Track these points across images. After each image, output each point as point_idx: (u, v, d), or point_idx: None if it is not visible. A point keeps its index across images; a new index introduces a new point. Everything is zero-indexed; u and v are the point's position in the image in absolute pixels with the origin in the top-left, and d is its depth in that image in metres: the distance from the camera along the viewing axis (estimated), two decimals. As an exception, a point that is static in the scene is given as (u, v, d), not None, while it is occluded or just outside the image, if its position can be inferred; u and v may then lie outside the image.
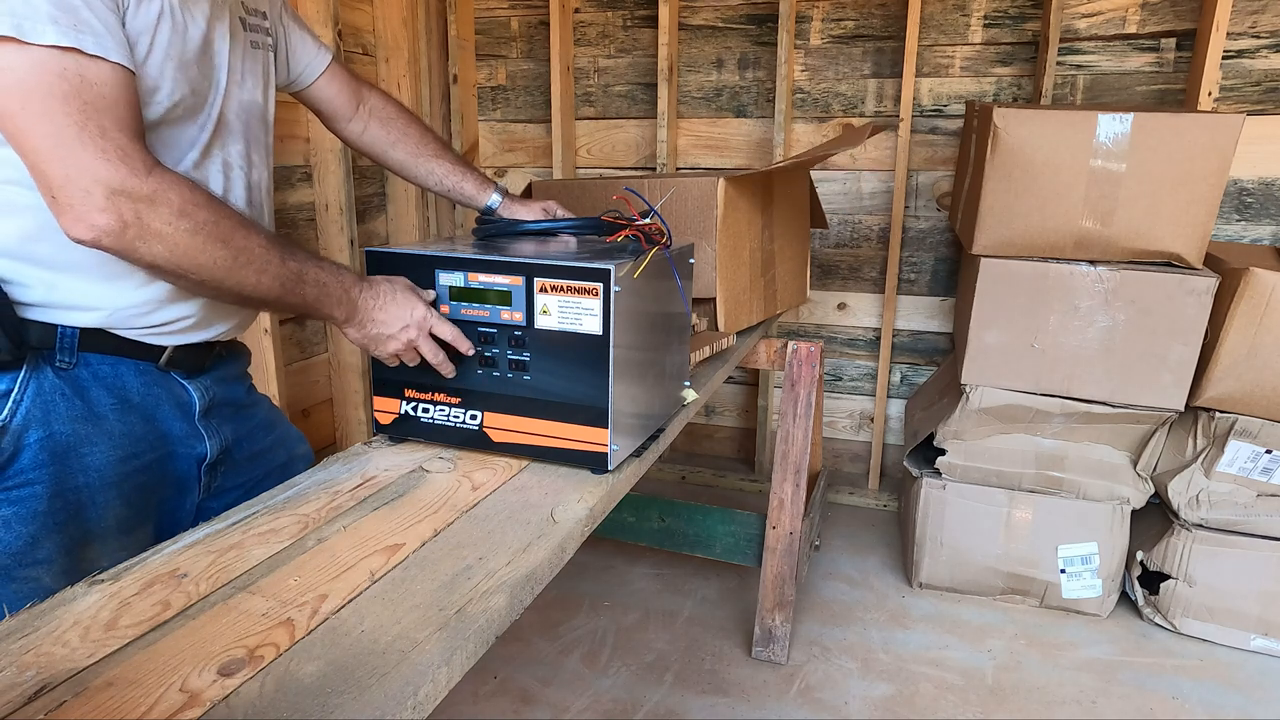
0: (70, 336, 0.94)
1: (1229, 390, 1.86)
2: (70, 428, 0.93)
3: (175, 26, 0.90)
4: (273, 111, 1.14)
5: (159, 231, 0.83)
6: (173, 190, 0.83)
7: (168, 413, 1.04)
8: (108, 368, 0.97)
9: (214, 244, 0.86)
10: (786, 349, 1.92)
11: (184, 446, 1.06)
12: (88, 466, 0.95)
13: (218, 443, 1.10)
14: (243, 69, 1.04)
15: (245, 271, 0.89)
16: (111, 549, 0.98)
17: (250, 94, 1.06)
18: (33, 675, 0.61)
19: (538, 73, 2.82)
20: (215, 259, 0.86)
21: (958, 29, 2.45)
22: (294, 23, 1.22)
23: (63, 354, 0.94)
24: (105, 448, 0.96)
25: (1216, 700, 1.83)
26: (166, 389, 1.04)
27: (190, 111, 0.96)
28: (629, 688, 1.87)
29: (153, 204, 0.82)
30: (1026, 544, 2.11)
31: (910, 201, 2.59)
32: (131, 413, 0.99)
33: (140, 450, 1.00)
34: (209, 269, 0.87)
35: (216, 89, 0.99)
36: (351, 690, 0.60)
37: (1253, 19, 2.19)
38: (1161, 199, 1.80)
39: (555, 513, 0.90)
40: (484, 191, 1.39)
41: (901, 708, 1.80)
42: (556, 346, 0.97)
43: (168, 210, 0.82)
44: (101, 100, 0.80)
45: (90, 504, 0.95)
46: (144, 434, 1.01)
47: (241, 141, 1.05)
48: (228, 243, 0.87)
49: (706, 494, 2.82)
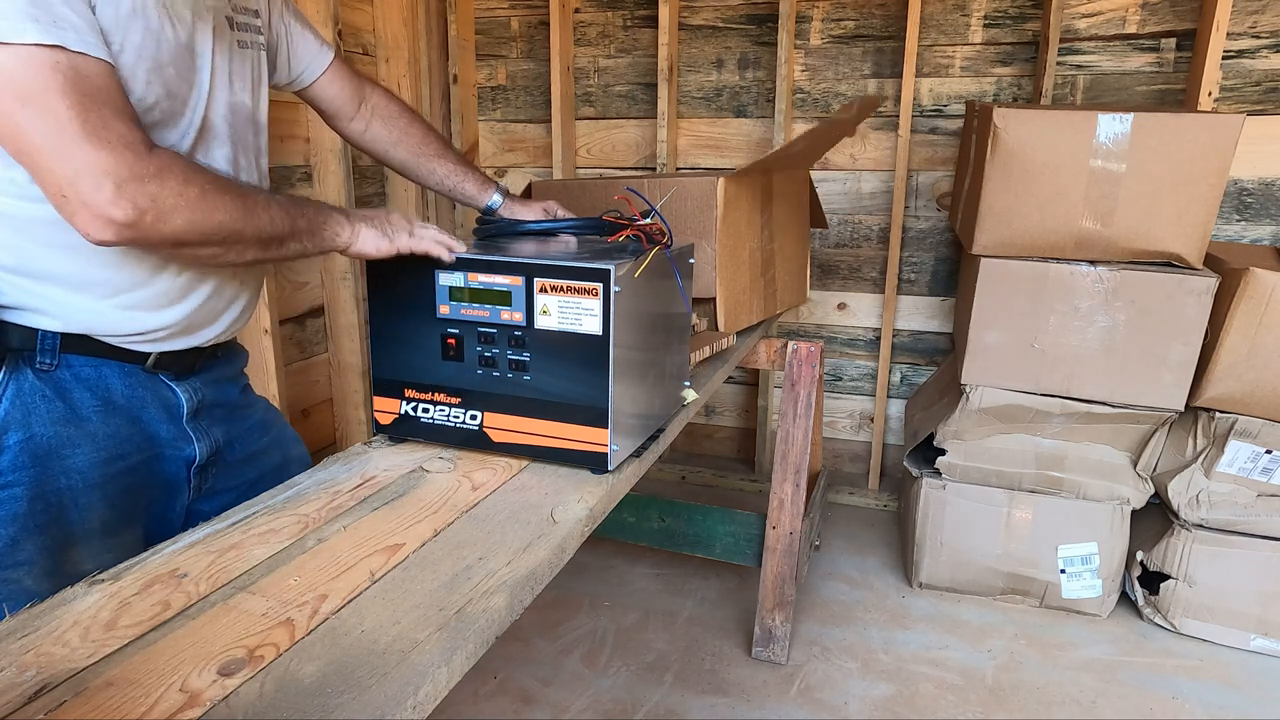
0: (51, 339, 0.93)
1: (1229, 390, 1.86)
2: (51, 430, 0.93)
3: (149, 26, 0.88)
4: (264, 112, 1.12)
5: (174, 205, 0.82)
6: (174, 161, 0.84)
7: (153, 414, 1.02)
8: (90, 370, 0.96)
9: (223, 197, 0.87)
10: (786, 349, 1.91)
11: (171, 449, 1.05)
12: (70, 468, 0.94)
13: (207, 445, 1.09)
14: (229, 70, 1.02)
15: (257, 214, 0.90)
16: (96, 550, 0.97)
17: (239, 96, 1.04)
18: (33, 675, 0.61)
19: (538, 73, 2.82)
20: (230, 210, 0.87)
21: (958, 29, 2.45)
22: (296, 21, 1.20)
23: (43, 356, 0.93)
24: (88, 449, 0.96)
25: (1216, 700, 1.83)
26: (152, 391, 1.02)
27: (168, 116, 0.93)
28: (629, 688, 1.87)
29: (162, 180, 0.81)
30: (1026, 544, 2.11)
31: (910, 201, 2.59)
32: (115, 414, 0.98)
33: (125, 452, 0.99)
34: (229, 221, 0.87)
35: (198, 93, 0.97)
36: (351, 690, 0.60)
37: (1253, 19, 2.19)
38: (1161, 199, 1.80)
39: (555, 513, 0.90)
40: (485, 192, 1.39)
41: (901, 708, 1.80)
42: (556, 346, 0.97)
43: (175, 182, 0.82)
44: (98, 92, 0.79)
45: (73, 505, 0.95)
46: (129, 435, 1.00)
47: (228, 145, 1.03)
48: (231, 192, 0.88)
49: (706, 494, 2.82)
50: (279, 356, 1.98)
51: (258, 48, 1.10)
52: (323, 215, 0.98)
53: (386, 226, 1.01)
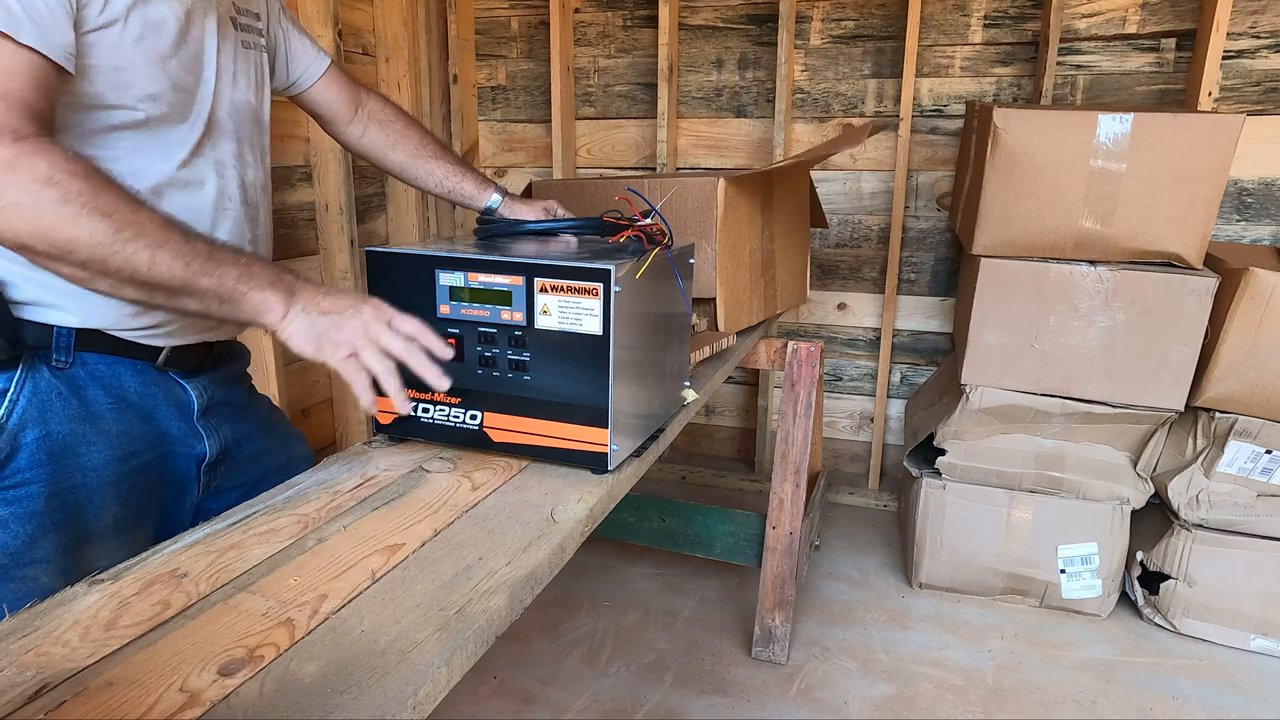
0: (66, 336, 0.94)
1: (1229, 390, 1.86)
2: (67, 427, 0.93)
3: (148, 20, 0.89)
4: (268, 111, 1.14)
5: (16, 201, 0.74)
6: (40, 156, 0.75)
7: (166, 412, 1.03)
8: (105, 367, 0.97)
9: (90, 215, 0.76)
10: (786, 349, 1.91)
11: (183, 446, 1.06)
12: (85, 466, 0.95)
13: (217, 442, 1.10)
14: (234, 68, 1.03)
15: (134, 246, 0.77)
16: (109, 548, 0.97)
17: (244, 94, 1.06)
18: (33, 675, 0.61)
19: (538, 73, 2.82)
20: (92, 232, 0.76)
21: (958, 29, 2.45)
22: (293, 26, 1.22)
23: (59, 353, 0.93)
24: (103, 447, 0.96)
25: (1216, 700, 1.83)
26: (164, 388, 1.03)
27: (177, 109, 0.94)
28: (629, 688, 1.87)
29: (12, 169, 0.74)
30: (1026, 544, 2.11)
31: (910, 201, 2.59)
32: (129, 412, 0.99)
33: (138, 449, 1.00)
34: (86, 244, 0.76)
35: (205, 86, 0.98)
36: (351, 690, 0.60)
37: (1253, 19, 2.19)
38: (1161, 199, 1.80)
39: (555, 513, 0.90)
40: (484, 192, 1.39)
41: (901, 708, 1.80)
42: (556, 346, 0.97)
43: (28, 176, 0.74)
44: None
45: (88, 503, 0.95)
46: (142, 433, 1.01)
47: (234, 141, 1.04)
48: (109, 215, 0.77)
49: (706, 494, 2.82)
50: (279, 356, 1.98)
51: (260, 49, 1.11)
52: (250, 284, 0.84)
53: (332, 330, 0.87)
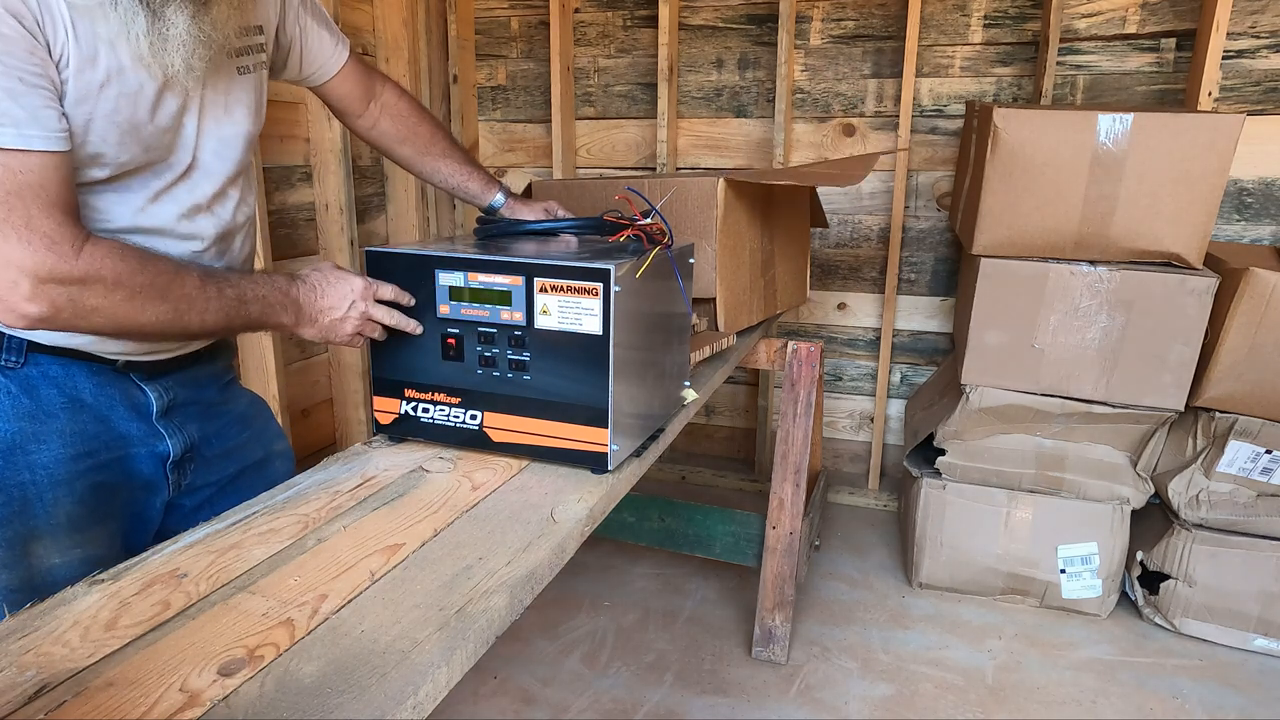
0: (18, 341, 0.94)
1: (1229, 390, 1.86)
2: (15, 425, 0.93)
3: (124, 91, 0.87)
4: (260, 125, 1.11)
5: (95, 307, 0.84)
6: (104, 265, 0.83)
7: (122, 414, 1.02)
8: (59, 369, 0.97)
9: (153, 302, 0.87)
10: (786, 349, 1.91)
11: (144, 446, 1.05)
12: (34, 463, 0.94)
13: (180, 441, 1.08)
14: (226, 103, 1.01)
15: (189, 317, 0.91)
16: (64, 545, 0.97)
17: (235, 127, 1.03)
18: (33, 675, 0.61)
19: (538, 73, 2.82)
20: (157, 315, 0.88)
21: (958, 29, 2.45)
22: (314, 19, 1.18)
23: (10, 354, 0.94)
24: (55, 445, 0.96)
25: (1216, 700, 1.83)
26: (121, 390, 1.02)
27: (148, 164, 0.94)
28: (629, 688, 1.87)
29: (85, 284, 0.82)
30: (1026, 544, 2.11)
31: (910, 201, 2.59)
32: (84, 412, 0.98)
33: (94, 449, 0.99)
34: (153, 324, 0.88)
35: (184, 141, 0.97)
36: (351, 690, 0.60)
37: (1253, 19, 2.19)
38: (1161, 199, 1.80)
39: (555, 513, 0.90)
40: (488, 191, 1.40)
41: (901, 708, 1.80)
42: (556, 346, 0.97)
43: (101, 286, 0.83)
44: (26, 189, 0.79)
45: (37, 500, 0.95)
46: (98, 434, 1.00)
47: (216, 180, 1.02)
48: (166, 296, 0.88)
49: (706, 494, 2.82)
50: (279, 356, 1.98)
51: (260, 67, 1.08)
52: (268, 314, 0.98)
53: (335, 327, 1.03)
